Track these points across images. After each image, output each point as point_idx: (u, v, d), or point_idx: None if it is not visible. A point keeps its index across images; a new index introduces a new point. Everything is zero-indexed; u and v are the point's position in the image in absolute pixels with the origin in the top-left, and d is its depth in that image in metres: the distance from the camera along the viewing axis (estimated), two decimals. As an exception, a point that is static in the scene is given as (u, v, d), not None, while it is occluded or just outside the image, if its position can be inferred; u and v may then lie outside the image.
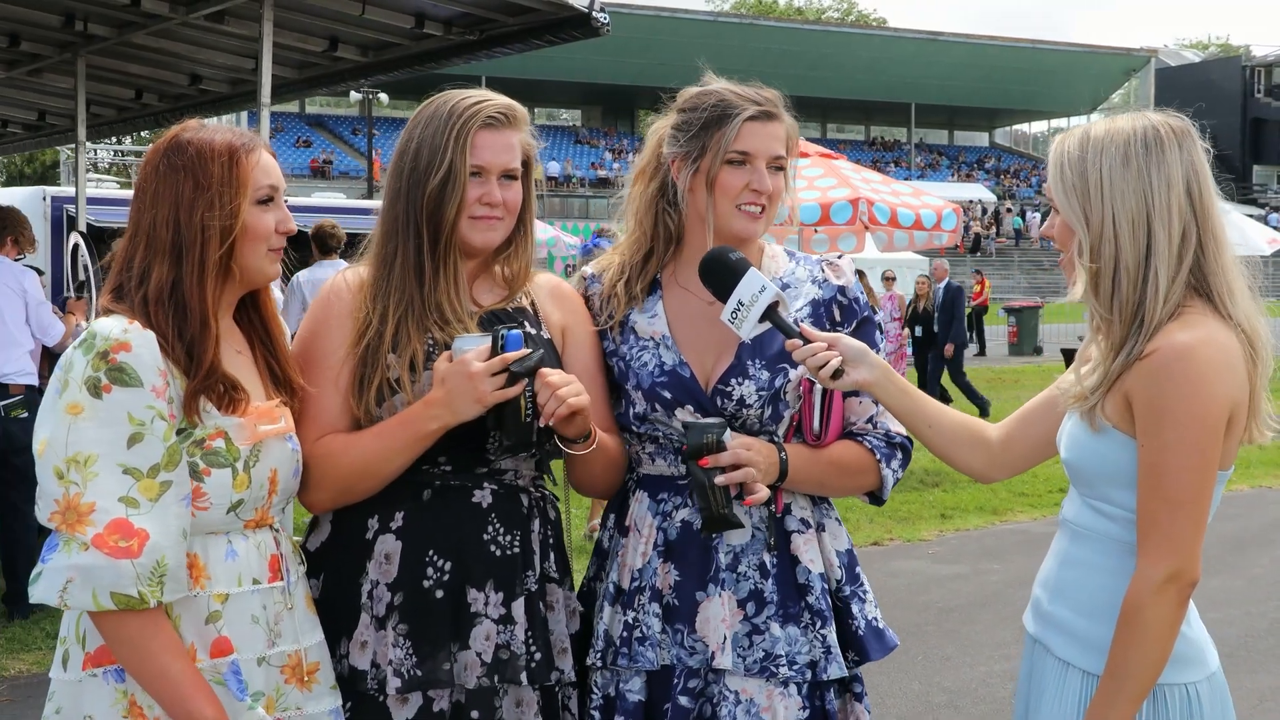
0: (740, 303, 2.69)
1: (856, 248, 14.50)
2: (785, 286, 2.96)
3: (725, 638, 2.80)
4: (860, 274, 13.40)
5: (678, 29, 64.01)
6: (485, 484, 2.80)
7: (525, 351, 2.62)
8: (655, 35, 61.42)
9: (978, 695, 6.42)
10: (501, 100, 2.86)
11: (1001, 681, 6.55)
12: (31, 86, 11.69)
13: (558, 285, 3.03)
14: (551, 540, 2.91)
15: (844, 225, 12.46)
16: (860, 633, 2.93)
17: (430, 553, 2.75)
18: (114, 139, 38.50)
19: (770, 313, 2.69)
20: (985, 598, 8.25)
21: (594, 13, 8.19)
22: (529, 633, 2.77)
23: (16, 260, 7.95)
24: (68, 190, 18.04)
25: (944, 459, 2.89)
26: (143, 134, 42.76)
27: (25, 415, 7.44)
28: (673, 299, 2.99)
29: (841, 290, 3.00)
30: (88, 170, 12.82)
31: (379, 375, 2.74)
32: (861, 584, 3.00)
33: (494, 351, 2.61)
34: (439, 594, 2.74)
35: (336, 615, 2.77)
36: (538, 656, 2.78)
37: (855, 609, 2.94)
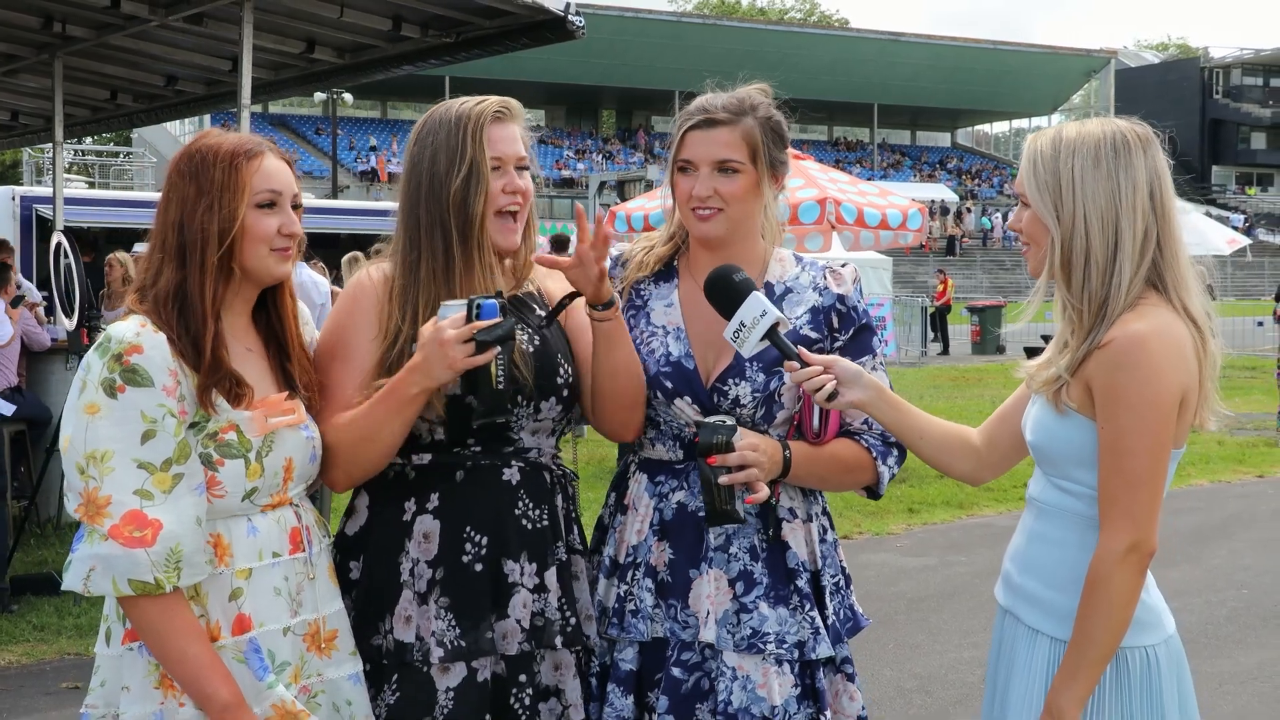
0: (742, 323, 2.83)
1: (823, 247, 14.66)
2: (788, 291, 3.10)
3: (708, 613, 2.96)
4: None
5: (642, 29, 64.16)
6: (513, 462, 2.97)
7: (495, 320, 2.71)
8: (619, 36, 61.49)
9: (947, 681, 6.62)
10: (498, 98, 3.03)
11: (970, 668, 6.73)
12: (5, 86, 11.73)
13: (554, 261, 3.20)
14: (573, 514, 3.10)
15: (811, 225, 12.62)
16: (830, 623, 3.06)
17: (468, 529, 2.92)
18: (76, 139, 38.26)
19: (771, 334, 2.83)
20: (953, 589, 8.45)
21: (569, 16, 8.32)
22: (561, 599, 2.96)
23: None
24: (37, 190, 18.01)
25: (935, 467, 3.05)
26: (105, 135, 42.54)
27: None
28: (686, 289, 3.13)
29: (841, 299, 3.11)
30: (50, 170, 12.80)
31: None
32: (839, 576, 3.13)
33: (469, 319, 2.71)
34: (478, 567, 2.90)
35: (379, 594, 2.92)
36: (572, 621, 2.97)
37: (829, 600, 3.07)
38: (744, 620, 2.97)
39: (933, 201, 58.26)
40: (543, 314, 3.03)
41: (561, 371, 3.00)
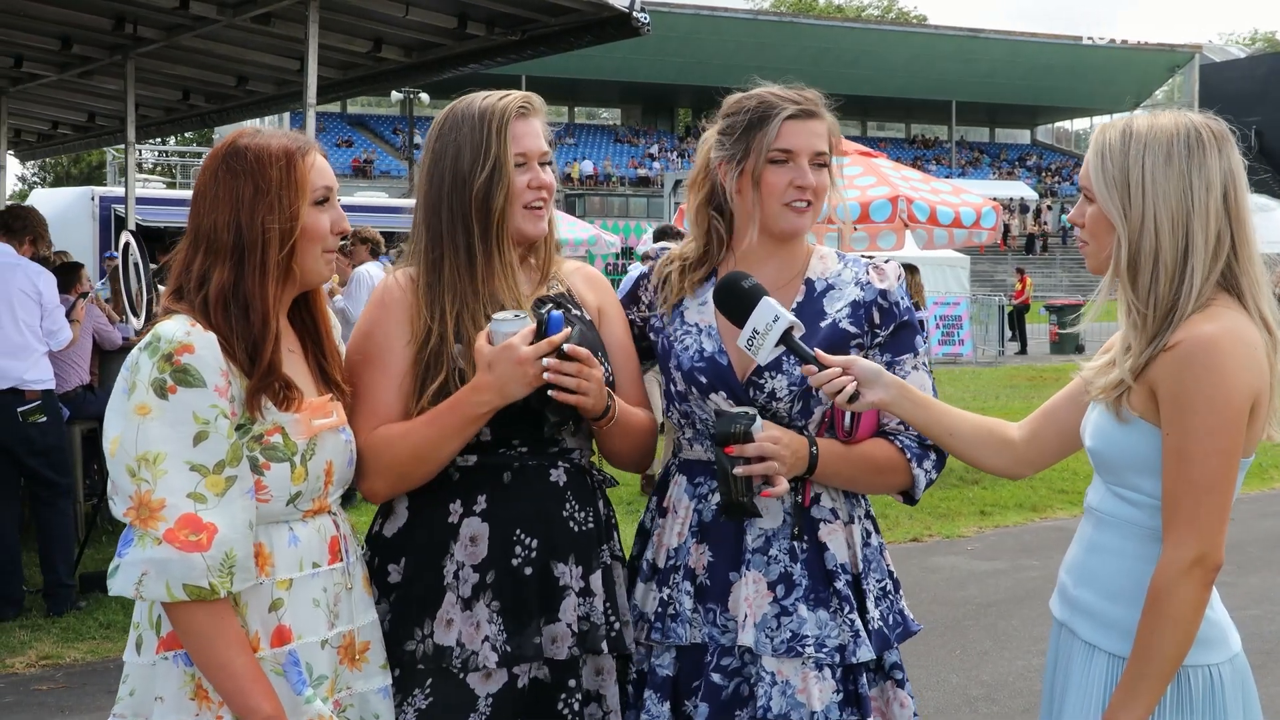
0: (755, 330, 2.77)
1: (896, 245, 14.50)
2: (830, 288, 3.05)
3: (746, 616, 2.89)
4: (913, 269, 13.43)
5: (718, 27, 64.06)
6: (559, 463, 2.93)
7: (568, 331, 2.70)
8: (695, 34, 61.48)
9: (1015, 689, 6.46)
10: (521, 92, 2.99)
11: (1039, 675, 6.50)
12: (81, 89, 11.88)
13: (586, 269, 3.17)
14: (613, 519, 3.05)
15: (883, 223, 12.48)
16: (885, 624, 3.00)
17: (518, 531, 2.86)
18: (159, 140, 38.89)
19: (786, 339, 2.76)
20: (1023, 593, 8.27)
21: (634, 13, 8.26)
22: (606, 604, 2.90)
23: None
24: (115, 190, 18.34)
25: (969, 463, 2.96)
26: (186, 134, 43.17)
27: (44, 420, 7.50)
28: None
29: (883, 294, 3.05)
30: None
31: (443, 375, 2.82)
32: (886, 580, 3.06)
33: (538, 334, 2.69)
34: (528, 571, 2.85)
35: (419, 597, 2.86)
36: (616, 626, 2.91)
37: (871, 604, 2.99)
38: (784, 623, 2.90)
39: (1011, 199, 57.60)
40: (577, 313, 2.98)
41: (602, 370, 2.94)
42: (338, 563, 2.74)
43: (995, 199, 15.26)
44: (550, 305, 2.76)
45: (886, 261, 3.13)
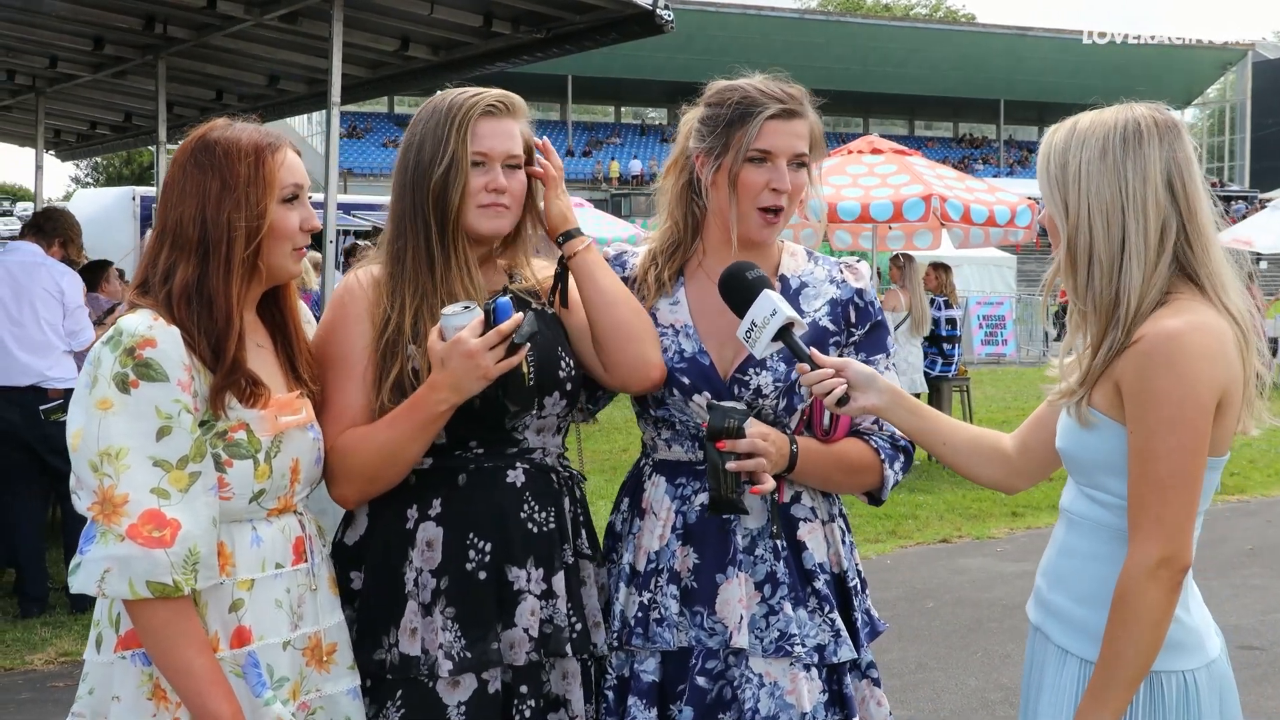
0: (753, 323, 2.73)
1: (932, 244, 14.41)
2: (804, 285, 3.03)
3: (742, 618, 2.85)
4: (946, 269, 13.27)
5: (764, 26, 63.83)
6: (517, 464, 2.87)
7: (518, 317, 2.63)
8: (742, 33, 61.29)
9: (1035, 692, 6.37)
10: (498, 91, 2.93)
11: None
12: (117, 89, 11.95)
13: (547, 264, 3.12)
14: (581, 517, 2.99)
15: (917, 222, 12.38)
16: (858, 625, 2.99)
17: (471, 535, 2.81)
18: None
19: (783, 334, 2.72)
20: (1051, 596, 8.16)
21: (658, 9, 8.23)
22: (569, 605, 2.85)
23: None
24: (155, 190, 18.52)
25: (964, 475, 2.91)
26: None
27: (65, 419, 7.45)
28: (695, 288, 3.03)
29: (859, 293, 3.05)
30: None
31: (398, 367, 2.78)
32: (856, 579, 3.05)
33: (487, 324, 2.62)
34: (481, 575, 2.80)
35: (382, 605, 2.82)
36: (579, 628, 2.86)
37: (856, 602, 3.01)
38: (772, 623, 2.88)
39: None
40: (537, 306, 2.93)
41: (563, 365, 2.91)
42: (302, 563, 2.70)
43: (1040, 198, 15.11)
44: (498, 293, 2.69)
45: (859, 261, 3.13)
